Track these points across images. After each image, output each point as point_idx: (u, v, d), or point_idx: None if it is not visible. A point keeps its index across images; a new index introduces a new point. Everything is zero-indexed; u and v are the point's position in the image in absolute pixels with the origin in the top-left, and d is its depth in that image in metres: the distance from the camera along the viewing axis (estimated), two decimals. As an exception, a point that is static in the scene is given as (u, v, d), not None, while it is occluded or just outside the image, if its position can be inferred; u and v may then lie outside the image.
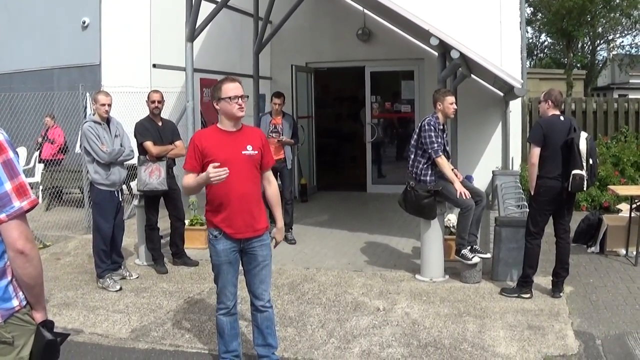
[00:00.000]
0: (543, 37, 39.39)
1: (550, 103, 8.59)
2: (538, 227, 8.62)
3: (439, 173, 9.28)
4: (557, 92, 8.75)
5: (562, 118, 8.54)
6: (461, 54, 10.27)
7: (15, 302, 3.47)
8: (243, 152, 6.00)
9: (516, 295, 8.66)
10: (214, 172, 5.65)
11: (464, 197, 9.15)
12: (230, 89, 5.99)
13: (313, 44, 17.33)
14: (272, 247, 6.33)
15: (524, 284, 8.68)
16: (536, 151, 8.38)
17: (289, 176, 12.20)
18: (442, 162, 9.25)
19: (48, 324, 3.63)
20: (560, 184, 8.32)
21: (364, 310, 8.33)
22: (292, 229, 11.85)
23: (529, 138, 8.79)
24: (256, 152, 6.06)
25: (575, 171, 8.18)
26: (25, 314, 3.52)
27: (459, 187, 9.22)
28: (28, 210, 3.38)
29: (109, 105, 9.36)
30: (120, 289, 9.26)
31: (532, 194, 8.60)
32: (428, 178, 9.31)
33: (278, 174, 11.60)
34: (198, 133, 6.35)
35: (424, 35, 11.16)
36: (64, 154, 16.82)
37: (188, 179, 6.03)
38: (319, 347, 7.13)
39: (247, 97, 6.11)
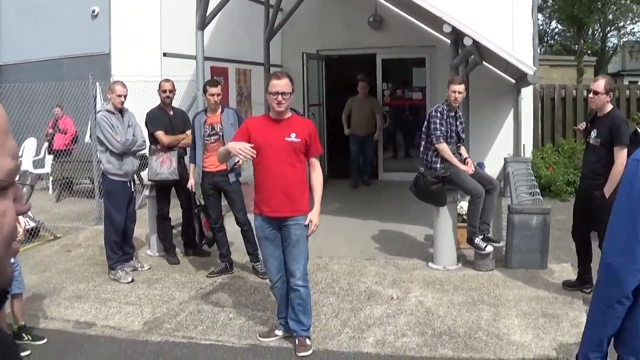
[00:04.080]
0: (554, 24, 39.22)
1: (611, 95, 7.90)
2: None
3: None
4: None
5: None
6: (474, 41, 10.20)
7: None
8: (286, 139, 6.58)
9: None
10: (240, 147, 6.38)
11: (470, 171, 9.33)
12: (273, 85, 6.59)
13: (324, 32, 17.21)
14: (309, 230, 6.82)
15: None
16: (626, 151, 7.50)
17: (238, 193, 9.53)
18: (443, 147, 9.27)
19: None
20: None
21: (377, 299, 8.31)
22: (260, 258, 9.05)
23: (625, 140, 7.58)
24: (299, 139, 6.61)
25: None
26: None
27: (464, 168, 9.34)
28: None
29: (125, 96, 9.34)
30: (132, 280, 9.23)
31: (609, 197, 7.42)
32: (438, 165, 9.31)
33: (222, 192, 9.57)
34: (251, 118, 7.36)
35: (436, 22, 11.09)
36: (74, 144, 16.80)
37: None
38: (334, 337, 7.12)
39: (290, 93, 6.64)
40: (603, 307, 3.23)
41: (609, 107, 7.88)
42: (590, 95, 7.99)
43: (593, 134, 7.98)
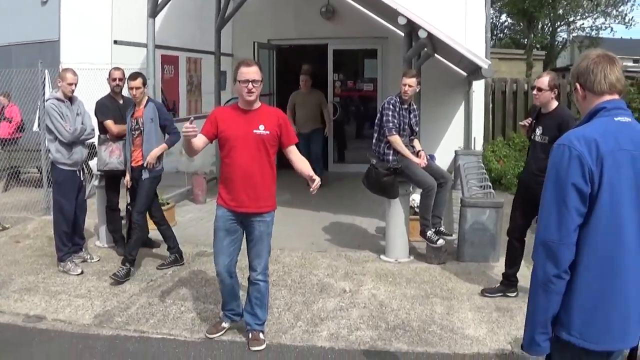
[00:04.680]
0: (503, 17, 39.42)
1: (555, 92, 7.72)
2: None
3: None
4: None
5: None
6: (428, 33, 10.18)
7: None
8: (254, 131, 6.37)
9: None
10: (184, 128, 6.03)
11: (423, 164, 9.31)
12: (243, 73, 6.31)
13: (276, 21, 17.12)
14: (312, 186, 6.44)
15: None
16: None
17: (144, 190, 9.22)
18: (395, 139, 9.25)
19: None
20: None
21: (330, 292, 8.29)
22: (127, 264, 8.91)
23: None
24: (268, 132, 6.40)
25: None
26: None
27: (416, 160, 9.33)
28: None
29: (76, 84, 9.17)
30: (82, 272, 9.07)
31: None
32: (390, 157, 9.30)
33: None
34: (219, 107, 7.29)
35: (390, 14, 11.06)
36: (21, 133, 16.54)
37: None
38: (287, 331, 7.08)
39: (260, 81, 6.36)
40: (543, 285, 3.46)
41: (554, 103, 7.71)
42: (534, 91, 7.78)
43: (538, 131, 7.75)
